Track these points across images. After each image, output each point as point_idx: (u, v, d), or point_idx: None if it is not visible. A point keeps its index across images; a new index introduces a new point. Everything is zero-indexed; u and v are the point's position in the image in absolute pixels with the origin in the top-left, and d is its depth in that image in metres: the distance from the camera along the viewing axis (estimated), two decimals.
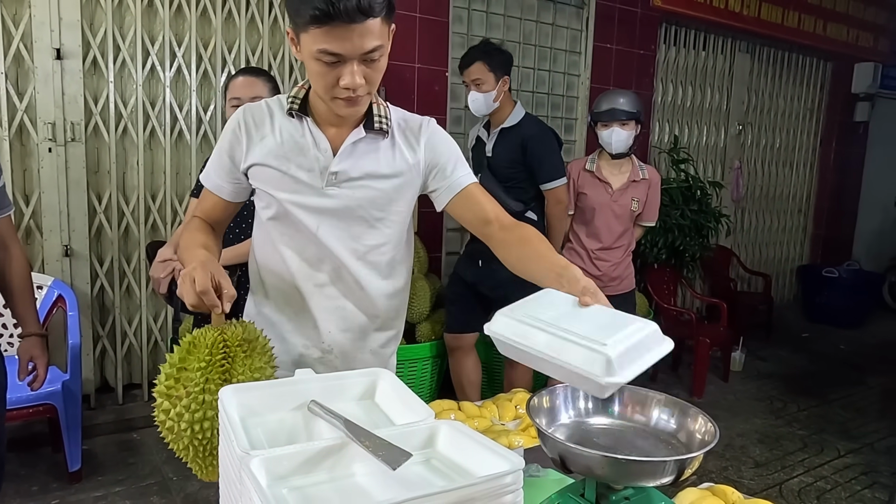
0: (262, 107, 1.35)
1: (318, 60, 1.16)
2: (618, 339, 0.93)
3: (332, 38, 1.12)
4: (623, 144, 2.94)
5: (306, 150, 1.31)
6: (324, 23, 1.11)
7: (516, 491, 0.75)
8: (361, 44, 1.14)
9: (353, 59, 1.16)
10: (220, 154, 1.36)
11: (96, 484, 2.78)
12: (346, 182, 1.32)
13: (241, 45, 3.41)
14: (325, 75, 1.18)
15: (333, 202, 1.32)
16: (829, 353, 5.31)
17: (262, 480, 0.71)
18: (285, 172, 1.31)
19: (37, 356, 1.88)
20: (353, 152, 1.32)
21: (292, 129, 1.32)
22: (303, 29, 1.15)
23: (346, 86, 1.18)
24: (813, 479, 3.16)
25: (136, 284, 3.36)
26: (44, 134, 3.02)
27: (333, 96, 1.21)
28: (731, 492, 1.34)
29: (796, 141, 6.42)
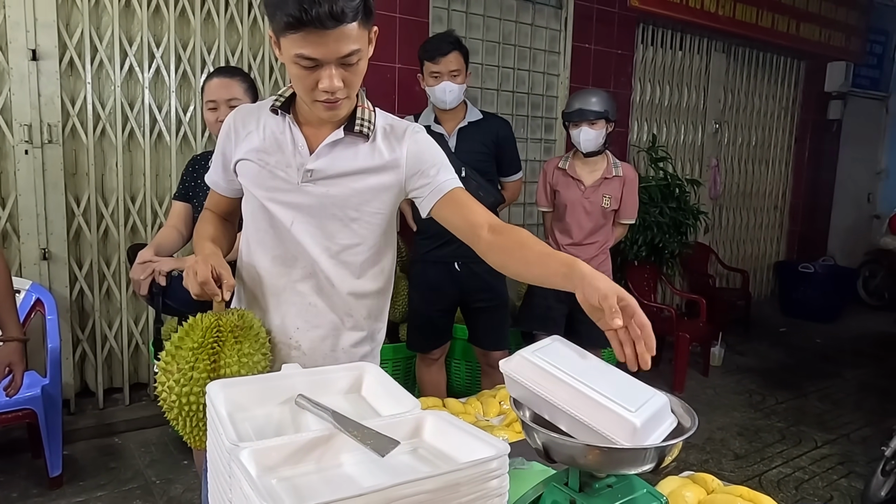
0: (253, 107, 1.42)
1: (296, 64, 1.19)
2: (642, 407, 0.92)
3: (308, 44, 1.15)
4: (592, 143, 2.98)
5: (285, 147, 1.35)
6: (298, 28, 1.13)
7: (502, 476, 0.77)
8: (337, 48, 1.16)
9: (329, 63, 1.18)
10: (216, 151, 1.45)
11: (77, 489, 2.75)
12: (321, 180, 1.34)
13: (220, 45, 3.39)
14: (304, 79, 1.21)
15: (308, 199, 1.34)
16: (805, 347, 5.41)
17: (252, 471, 0.72)
18: (263, 167, 1.35)
19: (15, 362, 1.87)
20: (330, 152, 1.34)
21: (275, 126, 1.36)
22: (281, 34, 1.18)
23: (324, 89, 1.20)
24: (791, 470, 3.22)
25: (116, 287, 3.33)
26: (20, 136, 2.98)
27: (314, 99, 1.24)
28: (711, 479, 1.37)
29: (772, 138, 6.53)
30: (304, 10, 1.10)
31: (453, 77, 2.74)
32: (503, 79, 4.32)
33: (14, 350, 1.87)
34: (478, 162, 2.83)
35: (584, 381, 0.95)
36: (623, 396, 0.93)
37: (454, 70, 2.73)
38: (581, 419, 0.92)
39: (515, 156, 3.03)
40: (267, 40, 3.51)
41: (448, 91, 2.75)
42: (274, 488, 0.75)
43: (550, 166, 3.17)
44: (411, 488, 0.70)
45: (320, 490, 0.77)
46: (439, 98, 2.77)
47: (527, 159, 4.46)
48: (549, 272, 1.14)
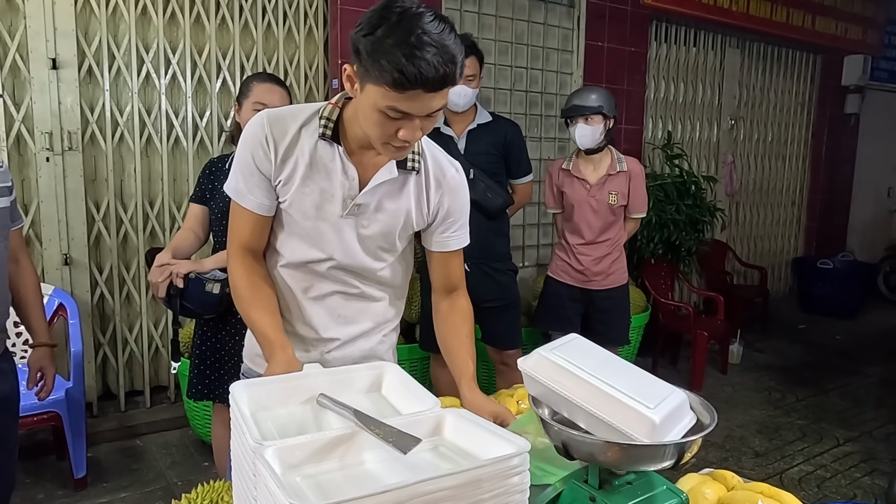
0: (285, 120, 1.29)
1: (382, 113, 1.12)
2: (661, 404, 0.93)
3: (407, 100, 1.09)
4: (589, 139, 2.96)
5: (333, 176, 1.29)
6: (405, 89, 1.07)
7: (522, 472, 0.78)
8: (432, 105, 1.12)
9: (419, 117, 1.13)
10: (249, 170, 1.29)
11: (101, 490, 2.79)
12: (364, 214, 1.32)
13: (235, 51, 3.42)
14: (385, 126, 1.14)
15: (348, 230, 1.33)
16: (825, 344, 5.35)
17: (277, 469, 0.73)
18: (308, 195, 1.29)
19: (46, 366, 1.92)
20: (380, 189, 1.32)
21: (322, 151, 1.29)
22: (375, 82, 1.09)
23: (404, 139, 1.15)
24: (813, 468, 3.19)
25: (135, 291, 3.37)
26: (41, 143, 3.03)
27: (386, 143, 1.18)
28: (731, 476, 1.36)
29: (788, 134, 6.47)
30: (420, 75, 1.04)
31: (468, 81, 2.75)
32: (516, 78, 4.32)
33: (45, 354, 1.91)
34: (487, 164, 2.84)
35: (603, 379, 0.95)
36: (642, 393, 0.93)
37: (469, 74, 2.74)
38: (600, 416, 0.92)
39: (525, 158, 3.03)
40: (282, 44, 3.54)
41: (462, 94, 2.76)
42: (299, 486, 0.77)
43: (555, 167, 3.18)
44: (434, 485, 0.70)
45: (344, 487, 0.78)
46: (452, 101, 2.76)
47: (540, 158, 4.46)
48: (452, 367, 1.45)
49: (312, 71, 3.68)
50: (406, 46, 1.04)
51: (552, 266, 3.24)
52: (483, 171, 2.81)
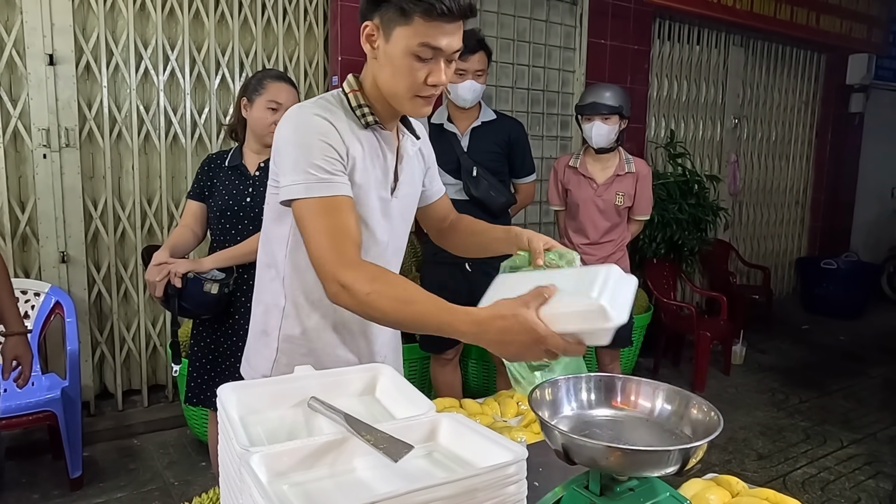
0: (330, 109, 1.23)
1: (413, 56, 1.15)
2: (599, 288, 0.98)
3: (437, 33, 1.14)
4: (604, 139, 2.93)
5: (382, 161, 1.31)
6: (435, 17, 1.12)
7: (520, 481, 0.74)
8: (457, 42, 1.18)
9: (447, 55, 1.18)
10: (333, 156, 1.17)
11: (98, 490, 2.76)
12: (401, 189, 1.36)
13: (234, 47, 3.39)
14: (417, 71, 1.17)
15: (394, 211, 1.35)
16: (829, 345, 5.31)
17: (263, 477, 0.70)
18: (365, 183, 1.26)
19: (21, 354, 1.87)
20: (410, 161, 1.38)
21: (371, 140, 1.28)
22: (405, 20, 1.13)
23: (434, 82, 1.18)
24: (816, 470, 3.15)
25: (133, 290, 3.34)
26: (38, 140, 3.00)
27: (415, 94, 1.20)
28: (736, 482, 1.33)
29: (792, 133, 6.43)
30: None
31: (477, 76, 2.72)
32: (518, 76, 4.28)
33: (18, 342, 1.87)
34: (490, 162, 2.81)
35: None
36: (581, 289, 0.99)
37: (479, 70, 2.72)
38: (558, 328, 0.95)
39: (528, 157, 2.99)
40: (281, 40, 3.51)
41: (471, 89, 2.73)
42: (285, 494, 0.74)
43: (561, 164, 3.13)
44: (427, 495, 0.67)
45: (333, 496, 0.75)
46: (461, 96, 2.73)
47: (542, 157, 4.42)
48: (498, 240, 1.47)
49: (312, 68, 3.65)
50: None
51: None
52: (486, 170, 2.78)
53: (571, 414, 1.08)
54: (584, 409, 1.09)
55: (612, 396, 1.11)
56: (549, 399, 1.08)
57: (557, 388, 1.09)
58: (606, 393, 1.10)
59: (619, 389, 1.11)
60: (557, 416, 1.07)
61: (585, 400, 1.11)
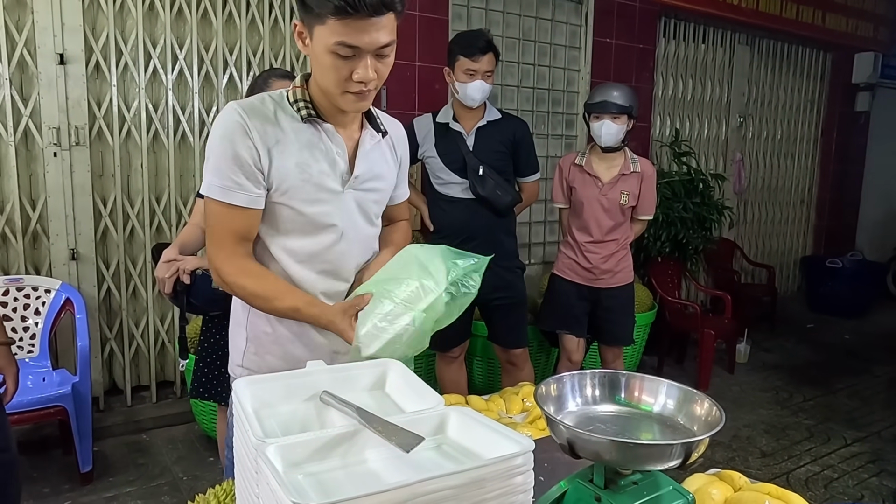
0: (258, 107, 1.27)
1: (333, 54, 1.16)
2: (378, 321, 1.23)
3: (352, 31, 1.13)
4: (613, 138, 2.94)
5: (327, 155, 1.31)
6: (346, 15, 1.11)
7: (527, 472, 0.77)
8: (378, 38, 1.16)
9: (368, 52, 1.17)
10: (235, 163, 1.23)
11: (107, 485, 2.80)
12: (362, 184, 1.36)
13: (241, 46, 3.42)
14: (340, 69, 1.18)
15: (350, 205, 1.35)
16: (833, 344, 5.32)
17: (279, 466, 0.73)
18: (307, 180, 1.29)
19: (4, 366, 1.77)
20: (369, 155, 1.37)
21: (309, 133, 1.30)
22: (320, 21, 1.14)
23: (359, 79, 1.19)
24: (820, 468, 3.17)
25: (142, 287, 3.38)
26: (49, 139, 3.04)
27: (344, 90, 1.21)
28: (738, 477, 1.35)
29: (797, 132, 6.42)
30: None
31: (487, 77, 2.74)
32: (523, 75, 4.30)
33: (4, 354, 1.76)
34: (495, 161, 2.83)
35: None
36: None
37: (488, 71, 2.74)
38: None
39: (533, 156, 3.01)
40: (289, 40, 3.53)
41: (480, 90, 2.75)
42: (300, 483, 0.76)
43: (566, 162, 3.14)
44: (436, 484, 0.70)
45: (346, 486, 0.77)
46: (470, 96, 2.75)
47: (547, 155, 4.44)
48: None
49: None
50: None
51: (558, 264, 3.22)
52: (492, 169, 2.80)
53: (576, 409, 1.10)
54: (589, 405, 1.12)
55: (615, 392, 1.13)
56: (555, 395, 1.10)
57: (562, 384, 1.12)
58: (611, 389, 1.13)
59: (624, 386, 1.13)
60: (562, 411, 1.09)
61: (590, 396, 1.13)
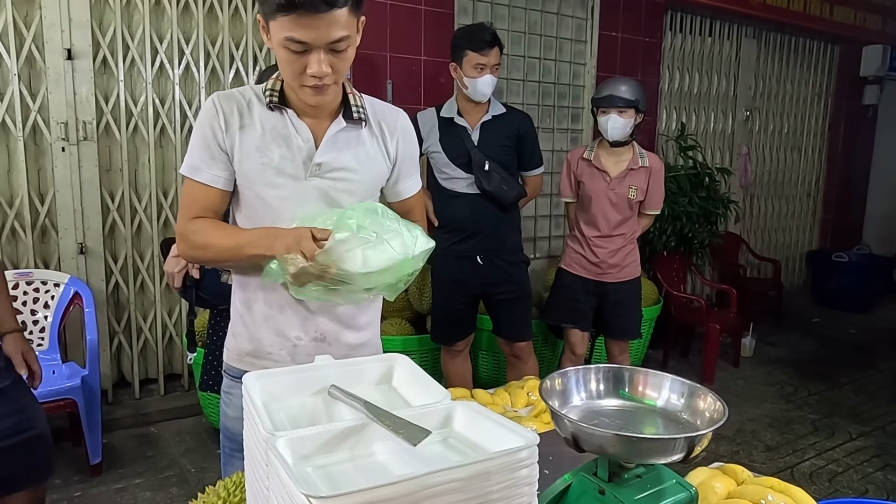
0: (234, 95, 1.35)
1: (285, 48, 1.20)
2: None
3: (298, 27, 1.16)
4: (619, 132, 2.94)
5: (289, 141, 1.33)
6: (290, 11, 1.14)
7: (531, 465, 0.78)
8: (328, 33, 1.18)
9: (319, 47, 1.19)
10: (204, 144, 1.33)
11: (117, 476, 2.83)
12: (328, 172, 1.35)
13: (248, 41, 3.43)
14: (293, 63, 1.21)
15: (314, 193, 1.35)
16: (839, 338, 5.31)
17: (289, 459, 0.74)
18: (267, 164, 1.32)
19: (27, 350, 1.84)
20: (336, 143, 1.36)
21: (274, 120, 1.34)
22: (271, 17, 1.18)
23: (312, 73, 1.21)
24: (824, 463, 3.17)
25: (150, 280, 3.40)
26: (57, 133, 3.06)
27: (301, 84, 1.25)
28: (741, 470, 1.36)
29: (804, 125, 6.40)
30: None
31: (494, 70, 2.74)
32: (529, 69, 4.30)
33: (19, 339, 1.85)
34: (500, 155, 2.83)
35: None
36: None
37: (496, 64, 2.74)
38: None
39: (537, 150, 3.01)
40: None
41: (491, 84, 2.75)
42: (310, 476, 0.78)
43: (575, 156, 3.15)
44: (442, 477, 0.71)
45: (354, 478, 0.79)
46: (480, 91, 2.74)
47: (553, 149, 4.44)
48: None
49: None
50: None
51: (565, 258, 3.22)
52: (497, 163, 2.80)
53: (580, 404, 1.12)
54: (593, 400, 1.13)
55: (620, 387, 1.14)
56: (559, 389, 1.11)
57: (567, 378, 1.13)
58: (615, 383, 1.14)
59: (628, 380, 1.14)
60: (567, 405, 1.10)
61: (594, 390, 1.14)
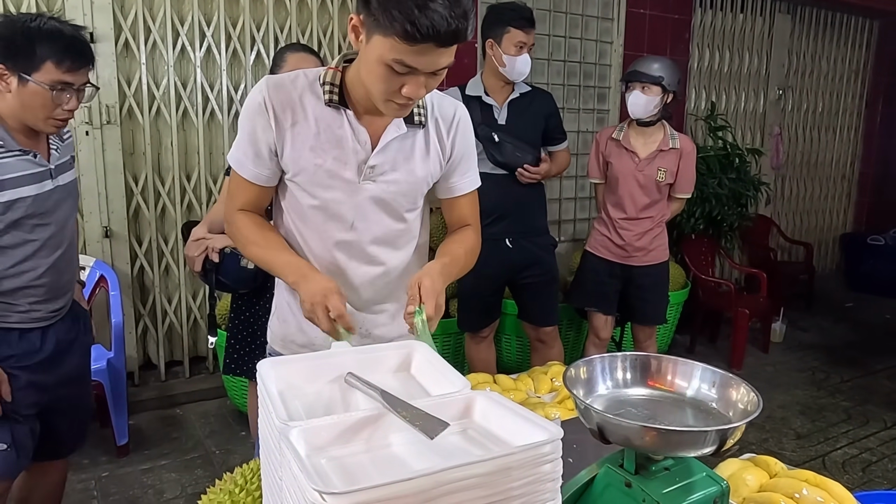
0: (285, 86, 1.27)
1: (387, 67, 1.10)
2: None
3: (414, 54, 1.07)
4: (642, 109, 2.85)
5: (344, 143, 1.27)
6: (415, 42, 1.04)
7: (555, 460, 0.74)
8: (438, 61, 1.10)
9: (424, 73, 1.12)
10: (250, 139, 1.28)
11: (143, 457, 2.87)
12: (381, 175, 1.31)
13: (269, 22, 3.40)
14: (389, 80, 1.12)
15: (367, 195, 1.31)
16: (873, 323, 5.17)
17: (301, 451, 0.72)
18: (320, 166, 1.27)
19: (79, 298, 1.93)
20: (391, 146, 1.30)
21: (329, 118, 1.27)
22: (384, 34, 1.06)
23: (408, 95, 1.13)
24: (858, 451, 3.09)
25: (174, 264, 3.42)
26: (80, 117, 3.07)
27: (388, 99, 1.16)
28: (774, 462, 1.31)
29: (840, 104, 6.19)
30: (432, 27, 1.02)
31: (531, 50, 2.71)
32: (554, 48, 4.20)
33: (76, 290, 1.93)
34: (526, 133, 2.79)
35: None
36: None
37: (532, 44, 2.71)
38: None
39: (561, 124, 2.99)
40: (315, 15, 3.50)
41: (528, 64, 2.71)
42: (323, 468, 0.75)
43: (604, 136, 3.07)
44: (462, 472, 0.68)
45: (370, 471, 0.76)
46: (518, 70, 2.69)
47: (578, 130, 4.35)
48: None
49: (346, 42, 3.64)
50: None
51: (591, 241, 3.16)
52: (523, 141, 2.76)
53: (606, 393, 1.08)
54: (620, 389, 1.09)
55: (647, 376, 1.10)
56: (584, 378, 1.07)
57: (592, 367, 1.09)
58: (642, 372, 1.10)
59: (655, 369, 1.10)
60: (592, 394, 1.06)
61: (620, 379, 1.10)
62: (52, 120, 1.59)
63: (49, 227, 1.66)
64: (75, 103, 1.61)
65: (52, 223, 1.67)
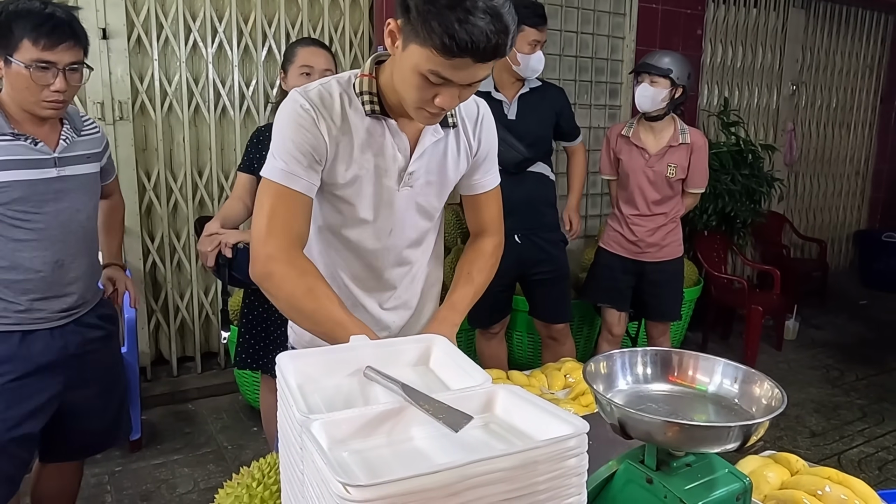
0: (325, 97, 1.22)
1: (423, 77, 1.07)
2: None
3: (451, 68, 1.05)
4: (649, 102, 2.83)
5: (383, 150, 1.25)
6: (454, 56, 1.02)
7: (581, 455, 0.73)
8: (475, 74, 1.08)
9: (459, 84, 1.09)
10: (302, 151, 1.19)
11: (155, 452, 2.88)
12: (416, 180, 1.31)
13: (280, 18, 3.40)
14: (424, 90, 1.09)
15: (404, 201, 1.31)
16: (888, 321, 5.12)
17: (324, 444, 0.71)
18: (364, 176, 1.25)
19: (117, 278, 2.01)
20: (427, 151, 1.29)
21: (370, 127, 1.24)
22: (421, 43, 1.04)
23: (441, 105, 1.11)
24: (874, 450, 3.06)
25: (186, 260, 3.43)
26: (93, 113, 3.07)
27: (420, 107, 1.13)
28: (796, 459, 1.30)
29: (854, 100, 6.13)
30: (471, 42, 1.00)
31: (542, 47, 2.71)
32: (566, 43, 4.18)
33: (114, 270, 2.02)
34: (537, 128, 2.78)
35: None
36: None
37: (545, 40, 2.72)
38: None
39: (574, 120, 2.99)
40: (327, 12, 3.49)
41: (542, 61, 2.71)
42: (346, 461, 0.74)
43: (614, 133, 3.06)
44: (487, 466, 0.67)
45: (392, 465, 0.75)
46: (532, 67, 2.70)
47: (590, 126, 4.33)
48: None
49: (357, 38, 3.63)
50: (460, 10, 0.99)
51: (604, 237, 3.15)
52: (536, 136, 2.75)
53: (626, 388, 1.06)
54: (640, 384, 1.08)
55: (668, 371, 1.09)
56: (604, 373, 1.06)
57: (612, 361, 1.07)
58: (663, 367, 1.08)
59: (676, 364, 1.08)
60: (612, 389, 1.05)
61: (641, 374, 1.09)
62: (44, 102, 1.56)
63: (45, 215, 1.62)
64: (62, 84, 1.55)
65: (51, 213, 1.63)
